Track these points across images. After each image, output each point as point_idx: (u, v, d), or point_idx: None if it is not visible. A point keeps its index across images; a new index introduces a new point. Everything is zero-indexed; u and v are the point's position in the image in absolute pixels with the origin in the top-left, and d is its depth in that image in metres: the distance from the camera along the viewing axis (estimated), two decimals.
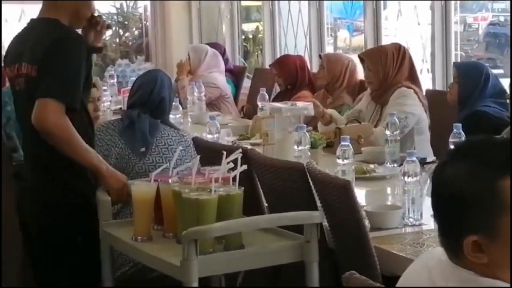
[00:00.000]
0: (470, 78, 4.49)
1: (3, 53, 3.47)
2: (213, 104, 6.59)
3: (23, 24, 3.44)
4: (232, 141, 4.73)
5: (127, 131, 3.67)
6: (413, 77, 4.76)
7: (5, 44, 3.92)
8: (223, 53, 7.26)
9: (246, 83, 7.56)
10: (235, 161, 2.79)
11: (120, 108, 6.21)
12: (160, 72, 3.94)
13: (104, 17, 9.46)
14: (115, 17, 9.98)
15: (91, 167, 3.13)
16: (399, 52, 4.73)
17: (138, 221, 2.88)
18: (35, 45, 3.17)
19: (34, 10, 10.24)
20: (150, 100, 3.70)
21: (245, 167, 2.79)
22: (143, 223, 2.87)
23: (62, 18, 3.23)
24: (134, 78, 7.06)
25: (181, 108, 5.85)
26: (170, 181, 2.85)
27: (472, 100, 4.42)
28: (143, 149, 3.61)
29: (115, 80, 7.30)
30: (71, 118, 3.05)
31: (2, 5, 8.85)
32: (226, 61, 7.26)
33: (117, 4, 9.99)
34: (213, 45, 7.44)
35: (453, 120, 4.01)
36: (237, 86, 7.29)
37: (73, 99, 3.09)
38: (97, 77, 4.56)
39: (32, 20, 3.35)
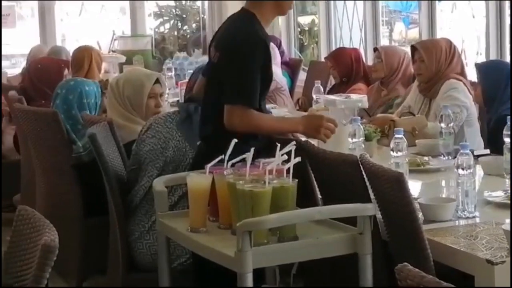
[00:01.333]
0: (491, 80, 4.45)
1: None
2: (268, 97, 6.57)
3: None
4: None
5: (184, 124, 3.70)
6: (461, 71, 4.72)
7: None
8: (278, 46, 7.25)
9: (302, 76, 7.55)
10: (289, 153, 2.79)
11: (178, 101, 6.24)
12: None
13: (163, 10, 9.57)
14: (174, 10, 10.04)
15: (288, 133, 3.46)
16: (451, 47, 4.71)
17: (193, 213, 2.89)
18: (224, 33, 3.50)
19: (94, 5, 10.46)
20: None
21: (299, 159, 2.79)
22: (198, 215, 2.87)
23: (261, 12, 3.44)
24: (191, 71, 7.12)
25: None
26: (225, 173, 2.85)
27: (496, 102, 4.37)
28: (199, 142, 3.63)
29: (173, 73, 7.36)
30: None
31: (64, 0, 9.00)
32: (281, 53, 7.25)
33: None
34: (269, 38, 7.42)
35: None
36: (292, 78, 7.28)
37: (252, 101, 3.33)
38: (161, 74, 4.60)
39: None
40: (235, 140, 3.09)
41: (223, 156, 2.96)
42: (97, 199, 4.09)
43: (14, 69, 9.03)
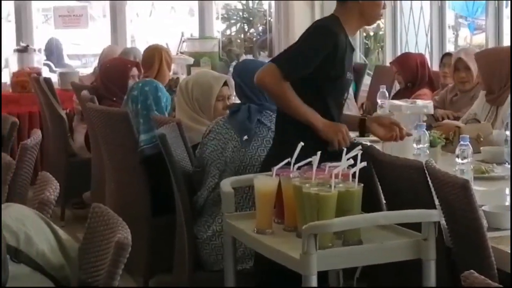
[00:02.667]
0: None
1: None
2: None
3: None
4: (352, 138, 4.71)
5: (232, 122, 3.76)
6: None
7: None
8: None
9: (366, 80, 7.52)
10: (354, 158, 2.80)
11: None
12: None
13: (230, 13, 9.60)
14: (241, 13, 10.08)
15: (307, 123, 3.35)
16: None
17: (260, 214, 2.92)
18: None
19: (164, 6, 10.52)
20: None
21: (364, 164, 2.79)
22: (264, 216, 2.90)
23: (346, 19, 3.46)
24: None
25: None
26: (291, 175, 2.88)
27: None
28: (245, 137, 3.68)
29: None
30: None
31: (134, 1, 9.11)
32: None
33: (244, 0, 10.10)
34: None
35: None
36: (357, 83, 7.26)
37: (290, 70, 3.34)
38: (229, 76, 4.64)
39: None
40: (301, 144, 3.12)
41: (290, 159, 2.99)
42: (165, 199, 4.15)
43: (85, 68, 9.19)
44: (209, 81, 4.48)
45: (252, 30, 10.16)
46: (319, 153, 2.94)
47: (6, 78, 7.79)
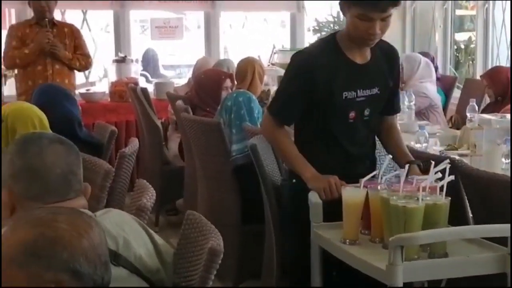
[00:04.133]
0: None
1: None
2: (422, 113, 6.54)
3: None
4: (440, 151, 4.71)
5: None
6: None
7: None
8: (432, 62, 7.20)
9: (456, 93, 7.46)
10: (442, 171, 2.81)
11: None
12: None
13: (321, 25, 9.61)
14: (332, 25, 10.11)
15: (296, 173, 3.30)
16: None
17: (347, 225, 2.96)
18: None
19: (256, 17, 10.52)
20: None
21: (452, 177, 2.80)
22: (352, 227, 2.94)
23: (342, 34, 3.36)
24: None
25: None
26: (378, 188, 2.91)
27: None
28: None
29: None
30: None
31: (228, 12, 9.24)
32: (435, 69, 7.19)
33: (334, 12, 10.11)
34: (423, 54, 7.39)
35: None
36: (447, 95, 7.21)
37: (280, 116, 3.34)
38: None
39: None
40: (390, 156, 3.14)
41: (377, 172, 3.02)
42: (255, 207, 4.22)
43: (179, 79, 9.36)
44: None
45: None
46: (407, 166, 2.96)
47: (105, 88, 8.01)
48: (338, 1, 3.29)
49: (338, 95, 3.29)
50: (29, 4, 6.32)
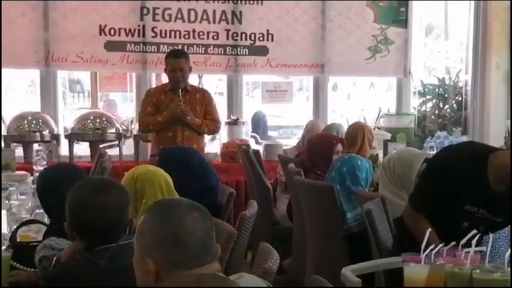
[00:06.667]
0: None
1: None
2: None
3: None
4: None
5: None
6: None
7: None
8: None
9: None
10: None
11: None
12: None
13: (426, 89, 9.54)
14: (437, 89, 10.05)
15: None
16: None
17: None
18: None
19: (363, 82, 10.49)
20: None
21: None
22: None
23: (491, 167, 3.56)
24: None
25: None
26: (442, 261, 2.87)
27: None
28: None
29: (435, 151, 7.39)
30: None
31: (335, 76, 9.32)
32: None
33: (440, 76, 10.07)
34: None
35: None
36: None
37: (418, 207, 3.71)
38: (430, 153, 4.68)
39: None
40: (429, 230, 3.12)
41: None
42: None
43: (288, 139, 9.47)
44: (410, 158, 4.54)
45: (446, 107, 10.10)
46: (453, 243, 2.93)
47: (217, 149, 8.17)
48: None
49: (460, 206, 3.48)
50: (165, 71, 6.54)
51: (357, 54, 8.77)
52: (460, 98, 9.85)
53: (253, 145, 7.99)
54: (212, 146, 8.30)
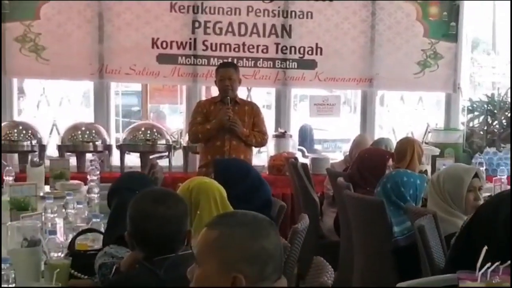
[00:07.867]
0: None
1: None
2: None
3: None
4: None
5: None
6: None
7: None
8: None
9: None
10: None
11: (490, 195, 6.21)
12: None
13: (475, 105, 9.48)
14: (486, 105, 9.98)
15: None
16: None
17: None
18: None
19: (412, 96, 10.42)
20: None
21: None
22: None
23: None
24: (503, 167, 7.05)
25: None
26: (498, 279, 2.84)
27: None
28: None
29: (483, 168, 7.35)
30: None
31: (384, 91, 9.30)
32: None
33: (489, 93, 10.00)
34: None
35: None
36: None
37: None
38: (480, 168, 4.64)
39: None
40: (485, 248, 3.10)
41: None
42: None
43: (333, 153, 9.48)
44: (460, 173, 4.53)
45: (495, 123, 10.01)
46: (510, 261, 2.91)
47: (264, 161, 8.22)
48: None
49: None
50: (216, 83, 6.61)
51: (406, 69, 8.77)
52: (509, 114, 9.76)
53: (300, 159, 8.02)
54: (259, 158, 8.35)
